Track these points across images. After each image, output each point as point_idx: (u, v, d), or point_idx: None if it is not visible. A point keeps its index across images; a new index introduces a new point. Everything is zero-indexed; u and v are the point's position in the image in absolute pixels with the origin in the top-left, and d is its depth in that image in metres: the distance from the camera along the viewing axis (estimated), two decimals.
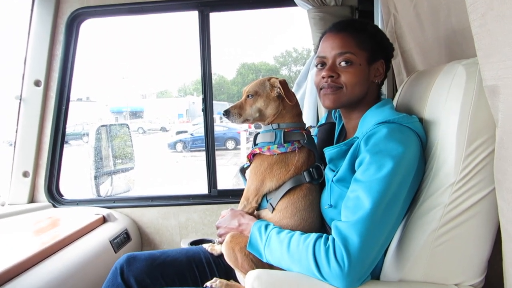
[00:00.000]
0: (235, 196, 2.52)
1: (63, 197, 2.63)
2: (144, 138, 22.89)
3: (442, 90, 1.11)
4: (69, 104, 2.60)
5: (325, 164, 1.35)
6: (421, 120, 1.18)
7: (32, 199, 2.58)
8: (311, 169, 1.36)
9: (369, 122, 1.17)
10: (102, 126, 3.09)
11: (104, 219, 2.32)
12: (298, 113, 1.47)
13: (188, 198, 2.62)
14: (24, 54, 2.47)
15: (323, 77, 1.23)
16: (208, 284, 1.35)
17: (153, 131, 26.19)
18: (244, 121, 1.46)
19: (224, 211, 1.48)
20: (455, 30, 1.33)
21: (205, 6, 2.49)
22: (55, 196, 2.61)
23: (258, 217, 1.38)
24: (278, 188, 1.36)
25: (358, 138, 1.15)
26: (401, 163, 1.05)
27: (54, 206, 2.57)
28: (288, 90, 1.40)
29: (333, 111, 1.52)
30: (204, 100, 2.56)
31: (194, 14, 2.52)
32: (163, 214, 2.59)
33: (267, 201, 1.37)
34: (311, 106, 2.32)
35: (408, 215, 1.13)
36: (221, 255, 1.43)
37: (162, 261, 1.53)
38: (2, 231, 2.06)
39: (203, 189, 2.66)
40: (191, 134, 17.17)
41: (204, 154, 2.65)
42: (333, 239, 1.05)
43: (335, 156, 1.24)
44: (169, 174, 11.71)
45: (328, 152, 1.27)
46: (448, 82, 1.09)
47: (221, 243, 1.39)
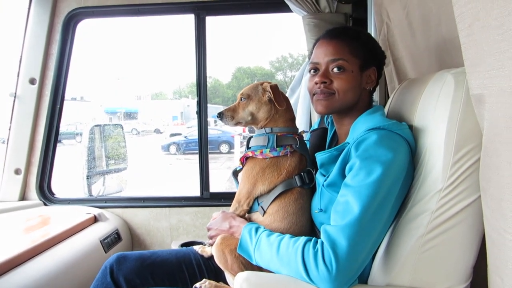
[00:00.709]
0: (227, 199, 2.53)
1: (55, 196, 2.63)
2: (138, 140, 22.80)
3: (432, 98, 1.13)
4: (64, 103, 2.60)
5: (317, 169, 1.36)
6: (411, 127, 1.20)
7: (23, 197, 2.57)
8: (303, 174, 1.37)
9: (360, 128, 1.19)
10: (96, 126, 3.09)
11: (95, 219, 2.32)
12: (291, 118, 1.48)
13: (180, 200, 2.63)
14: (20, 52, 2.47)
15: (316, 83, 1.25)
16: (198, 285, 1.35)
17: (147, 133, 26.11)
18: (237, 124, 1.48)
19: (216, 213, 1.48)
20: (446, 39, 1.35)
21: (202, 10, 2.51)
22: (47, 195, 2.60)
23: (249, 220, 1.39)
24: (270, 192, 1.37)
25: (349, 144, 1.17)
26: (390, 169, 1.06)
27: (45, 205, 2.57)
28: (279, 95, 1.42)
29: (326, 117, 1.53)
30: (199, 103, 2.57)
31: (191, 17, 2.54)
32: (155, 215, 2.59)
33: (259, 204, 1.38)
34: (304, 112, 2.34)
35: (397, 220, 1.15)
36: (211, 257, 1.44)
37: (152, 262, 1.53)
38: None
39: (196, 192, 2.67)
40: (185, 137, 17.15)
41: (197, 157, 2.66)
42: (322, 243, 1.06)
43: (326, 161, 1.26)
44: (162, 176, 11.68)
45: (320, 157, 1.28)
46: (437, 91, 1.11)
47: (212, 245, 1.39)
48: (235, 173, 1.53)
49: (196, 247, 1.64)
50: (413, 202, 1.11)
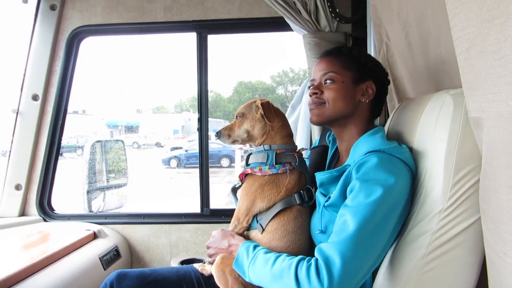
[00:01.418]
0: (227, 216, 2.52)
1: (55, 212, 2.63)
2: (139, 153, 22.79)
3: (431, 119, 1.14)
4: (66, 120, 2.62)
5: (317, 187, 1.37)
6: (411, 148, 1.21)
7: (23, 213, 2.57)
8: (302, 192, 1.38)
9: (360, 150, 1.20)
10: (97, 142, 3.10)
11: (95, 235, 2.31)
12: (288, 134, 1.49)
13: (180, 217, 2.62)
14: (24, 69, 2.50)
15: (310, 95, 1.33)
16: None
17: (148, 146, 26.10)
18: (234, 142, 1.51)
19: (215, 232, 1.48)
20: (444, 60, 1.37)
21: (204, 29, 2.55)
22: (46, 211, 2.60)
23: (248, 238, 1.39)
24: (269, 209, 1.37)
25: (350, 166, 1.17)
26: (391, 193, 1.07)
27: (45, 220, 2.56)
28: (269, 111, 1.44)
29: (327, 135, 1.54)
30: (200, 120, 2.59)
31: (193, 35, 2.58)
32: (155, 232, 2.58)
33: (257, 222, 1.38)
34: (305, 129, 2.35)
35: (398, 241, 1.14)
36: (212, 276, 1.43)
37: (153, 279, 1.52)
38: None
39: (196, 207, 2.66)
40: (186, 151, 17.13)
41: (198, 171, 2.66)
42: (316, 259, 1.06)
43: (326, 181, 1.26)
44: (163, 190, 11.63)
45: (319, 177, 1.29)
46: (437, 111, 1.12)
47: (212, 263, 1.39)
48: (234, 190, 1.54)
49: (196, 265, 1.63)
50: (414, 223, 1.11)
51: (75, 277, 1.87)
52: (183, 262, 2.29)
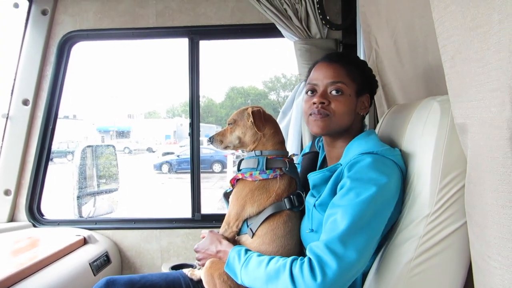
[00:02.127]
0: (219, 221, 2.48)
1: (44, 217, 2.60)
2: (130, 158, 22.64)
3: (419, 125, 1.16)
4: (56, 124, 2.61)
5: (307, 192, 1.38)
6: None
7: (12, 218, 2.54)
8: (292, 196, 1.38)
9: (354, 151, 1.21)
10: (88, 147, 3.08)
11: (85, 241, 2.29)
12: (280, 141, 1.50)
13: (171, 222, 2.61)
14: (14, 73, 2.49)
15: (314, 103, 1.26)
16: None
17: (140, 151, 25.93)
18: (226, 148, 1.52)
19: (204, 231, 1.49)
20: (432, 67, 1.39)
21: (195, 34, 2.56)
22: (36, 216, 2.57)
23: (238, 242, 1.40)
24: (259, 214, 1.38)
25: (342, 165, 1.19)
26: (382, 192, 1.08)
27: (34, 226, 2.54)
28: (259, 119, 1.44)
29: (316, 140, 1.56)
30: (191, 125, 2.59)
31: (185, 41, 2.59)
32: (145, 237, 2.56)
33: (248, 226, 1.39)
34: (296, 135, 2.36)
35: (386, 245, 1.16)
36: (201, 281, 1.43)
37: (142, 286, 1.51)
38: None
39: (187, 213, 2.65)
40: (178, 156, 17.06)
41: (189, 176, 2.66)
42: (309, 258, 1.07)
43: (319, 182, 1.27)
44: (154, 196, 11.56)
45: (312, 178, 1.30)
46: (424, 117, 1.14)
47: (201, 267, 1.39)
48: (226, 195, 1.55)
49: (186, 270, 1.63)
50: (402, 227, 1.12)
51: (65, 283, 1.85)
52: (174, 268, 2.28)
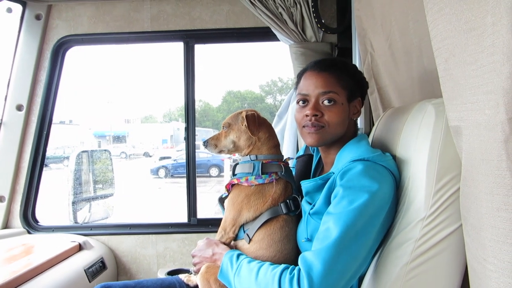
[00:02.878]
0: (215, 225, 2.51)
1: (39, 224, 2.58)
2: (127, 163, 22.60)
3: (414, 128, 1.16)
4: (50, 130, 2.59)
5: (303, 196, 1.37)
6: (394, 156, 1.22)
7: (7, 225, 2.52)
8: (288, 201, 1.38)
9: (345, 158, 1.20)
10: (83, 152, 3.07)
11: (80, 247, 2.28)
12: (275, 145, 1.49)
13: (167, 227, 2.60)
14: (8, 78, 2.47)
15: (307, 115, 1.24)
16: None
17: (136, 156, 25.91)
18: (220, 152, 1.51)
19: (200, 241, 1.48)
20: (427, 70, 1.39)
21: (191, 38, 2.56)
22: (31, 222, 2.55)
23: (235, 248, 1.39)
24: (255, 219, 1.37)
25: (334, 174, 1.18)
26: (374, 199, 1.07)
27: (29, 233, 2.52)
28: (253, 123, 1.43)
29: None
30: (187, 129, 2.59)
31: (180, 45, 2.59)
32: (141, 243, 2.55)
33: (244, 232, 1.38)
34: (291, 139, 2.36)
35: (382, 249, 1.15)
36: (197, 286, 1.41)
37: None
38: None
39: (183, 217, 2.64)
40: (174, 160, 17.04)
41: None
42: (299, 269, 1.06)
43: (311, 190, 1.26)
44: (150, 201, 11.53)
45: (305, 185, 1.29)
46: (419, 120, 1.14)
47: (197, 273, 1.38)
48: (221, 200, 1.53)
49: (182, 276, 1.62)
50: (397, 231, 1.12)
51: None
52: (170, 273, 2.26)
